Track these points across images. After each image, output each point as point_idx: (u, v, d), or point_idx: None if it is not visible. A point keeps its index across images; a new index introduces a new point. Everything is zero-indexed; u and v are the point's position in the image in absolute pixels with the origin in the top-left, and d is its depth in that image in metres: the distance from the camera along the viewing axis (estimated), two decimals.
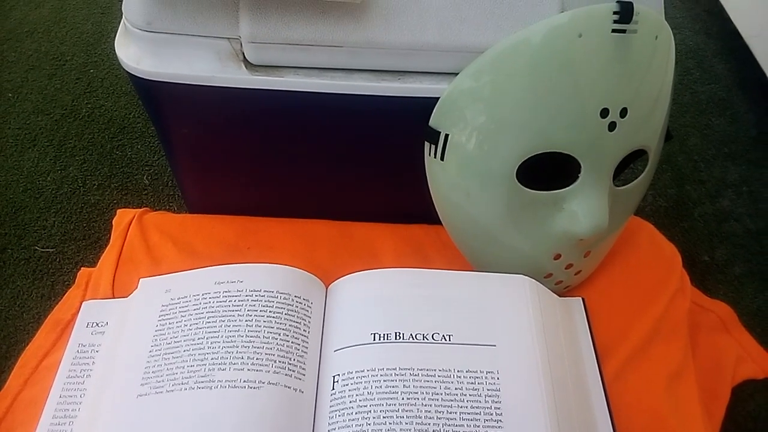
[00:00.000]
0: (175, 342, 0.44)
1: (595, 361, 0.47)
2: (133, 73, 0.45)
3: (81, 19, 0.96)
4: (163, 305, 0.47)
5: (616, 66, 0.42)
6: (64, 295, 0.54)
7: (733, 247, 0.72)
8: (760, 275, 0.69)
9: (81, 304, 0.51)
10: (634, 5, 0.41)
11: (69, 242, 0.69)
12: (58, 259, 0.68)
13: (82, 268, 0.55)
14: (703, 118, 0.86)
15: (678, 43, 0.94)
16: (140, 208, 0.58)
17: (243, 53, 0.44)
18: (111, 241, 0.56)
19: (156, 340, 0.44)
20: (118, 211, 0.58)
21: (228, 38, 0.44)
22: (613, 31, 0.41)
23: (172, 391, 0.41)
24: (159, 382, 0.42)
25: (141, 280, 0.50)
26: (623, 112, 0.43)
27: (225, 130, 0.50)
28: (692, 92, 0.89)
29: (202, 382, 0.41)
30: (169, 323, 0.45)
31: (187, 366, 0.42)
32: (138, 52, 0.45)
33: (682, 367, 0.49)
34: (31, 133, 0.80)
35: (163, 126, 0.51)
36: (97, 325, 0.49)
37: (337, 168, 0.53)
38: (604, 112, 0.42)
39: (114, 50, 0.47)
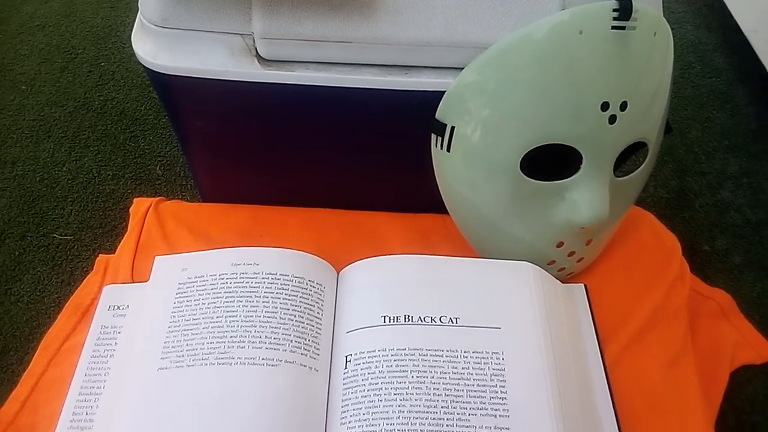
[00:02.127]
0: (193, 319, 0.46)
1: (597, 344, 0.49)
2: (149, 67, 0.47)
3: (91, 13, 0.97)
4: (180, 283, 0.48)
5: (615, 61, 0.43)
6: (83, 280, 0.55)
7: (733, 237, 0.73)
8: (759, 264, 0.71)
9: (99, 289, 0.53)
10: (633, 3, 0.42)
11: (86, 230, 0.71)
12: (75, 246, 0.69)
13: (99, 255, 0.57)
14: (704, 112, 0.87)
15: (679, 38, 0.95)
16: (154, 197, 0.60)
17: (255, 48, 0.46)
18: (129, 228, 0.57)
19: (174, 316, 0.46)
20: (135, 199, 0.60)
21: (241, 34, 0.45)
22: (613, 27, 0.42)
23: (193, 365, 0.43)
24: (179, 356, 0.44)
25: (156, 257, 0.51)
26: (623, 106, 0.44)
27: (238, 122, 0.51)
28: (693, 86, 0.90)
29: (222, 358, 0.43)
30: (187, 300, 0.47)
31: (207, 342, 0.44)
32: (154, 48, 0.46)
33: (681, 351, 0.50)
34: (46, 124, 0.82)
35: (178, 118, 0.52)
36: (119, 308, 0.51)
37: (346, 159, 0.55)
38: (605, 106, 0.44)
39: (124, 43, 0.48)
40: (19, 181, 0.75)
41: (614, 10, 0.42)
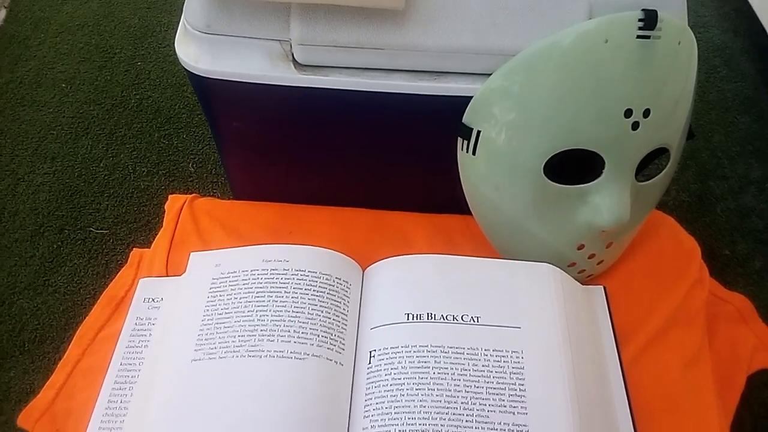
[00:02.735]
0: (226, 312, 0.47)
1: (615, 345, 0.49)
2: (191, 71, 0.48)
3: (128, 13, 1.00)
4: (213, 278, 0.50)
5: (640, 70, 0.44)
6: (117, 273, 0.57)
7: (754, 242, 0.73)
8: None
9: (133, 281, 0.55)
10: (658, 13, 0.43)
11: (121, 224, 0.73)
12: (111, 240, 0.72)
13: (134, 249, 0.58)
14: (728, 116, 0.87)
15: (706, 41, 0.95)
16: (187, 193, 0.61)
17: (292, 54, 0.47)
18: (164, 224, 0.59)
19: (208, 310, 0.48)
20: (170, 196, 0.61)
21: (279, 40, 0.47)
22: (638, 37, 0.43)
23: (225, 357, 0.45)
24: (212, 348, 0.46)
25: (192, 253, 0.53)
26: (646, 113, 0.45)
27: (273, 124, 0.53)
28: (718, 90, 0.90)
29: (253, 350, 0.45)
30: (220, 295, 0.49)
31: (238, 336, 0.46)
32: (197, 52, 0.48)
33: (698, 354, 0.50)
34: (84, 122, 0.84)
35: (216, 119, 0.54)
36: (153, 300, 0.53)
37: (374, 160, 0.56)
38: (628, 113, 0.44)
39: (160, 43, 0.50)
40: (59, 176, 0.78)
41: (640, 20, 0.43)
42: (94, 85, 0.89)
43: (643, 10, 0.43)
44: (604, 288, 0.53)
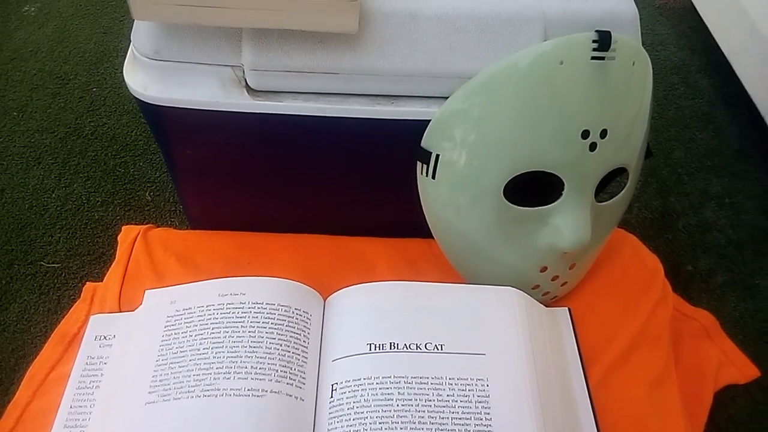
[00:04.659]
0: (180, 352, 0.46)
1: (581, 367, 0.49)
2: (140, 98, 0.47)
3: (84, 39, 0.98)
4: (168, 316, 0.48)
5: (595, 91, 0.44)
6: (70, 308, 0.55)
7: (716, 257, 0.74)
8: (741, 284, 0.72)
9: (87, 317, 0.53)
10: (612, 34, 0.43)
11: (74, 257, 0.71)
12: (63, 274, 0.69)
13: (87, 283, 0.57)
14: (687, 132, 0.88)
15: (663, 59, 0.97)
16: (143, 223, 0.60)
17: (245, 80, 0.46)
18: (117, 256, 0.57)
19: (162, 349, 0.46)
20: (123, 227, 0.59)
21: (231, 66, 0.46)
22: (593, 58, 0.43)
23: (179, 399, 0.43)
24: (166, 390, 0.44)
25: (146, 291, 0.51)
26: (603, 134, 0.45)
27: (227, 151, 0.52)
28: (677, 107, 0.91)
29: (208, 390, 0.43)
30: (175, 333, 0.47)
31: (193, 375, 0.44)
32: (145, 79, 0.47)
33: (664, 373, 0.50)
34: (36, 151, 0.82)
35: (168, 147, 0.53)
36: (105, 338, 0.51)
37: (333, 186, 0.55)
38: (585, 134, 0.44)
39: (116, 69, 0.49)
40: (8, 208, 0.75)
41: (594, 41, 0.43)
42: (47, 113, 0.86)
43: (597, 31, 0.43)
44: (569, 309, 0.53)
